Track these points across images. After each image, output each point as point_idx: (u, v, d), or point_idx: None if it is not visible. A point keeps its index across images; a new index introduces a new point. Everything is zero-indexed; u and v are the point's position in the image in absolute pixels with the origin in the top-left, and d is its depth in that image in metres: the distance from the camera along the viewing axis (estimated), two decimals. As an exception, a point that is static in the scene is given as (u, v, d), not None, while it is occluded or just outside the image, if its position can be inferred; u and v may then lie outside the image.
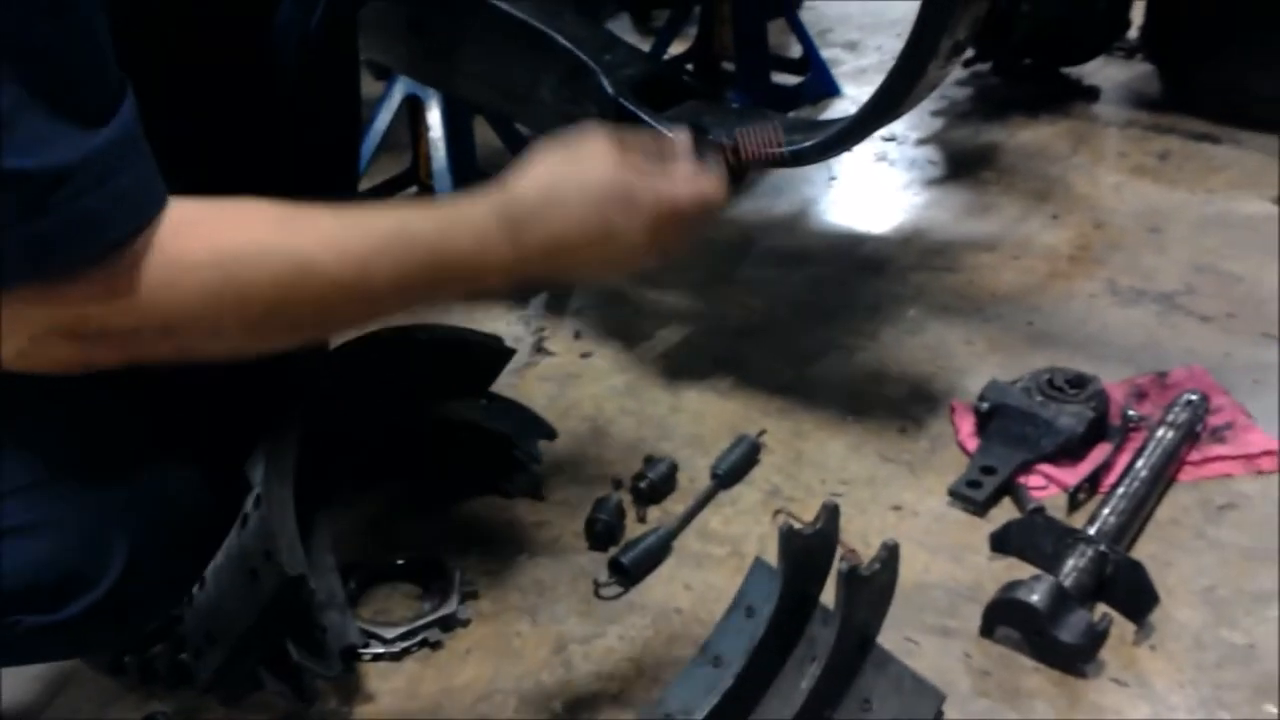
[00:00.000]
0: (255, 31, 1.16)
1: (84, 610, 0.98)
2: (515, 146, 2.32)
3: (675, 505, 1.54)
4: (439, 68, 1.72)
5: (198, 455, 1.08)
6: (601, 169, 0.96)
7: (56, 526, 0.97)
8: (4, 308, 0.74)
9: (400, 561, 1.44)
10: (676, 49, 2.81)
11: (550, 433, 1.58)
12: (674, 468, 1.57)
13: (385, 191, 2.35)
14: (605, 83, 1.58)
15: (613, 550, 1.44)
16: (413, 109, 2.29)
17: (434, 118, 2.17)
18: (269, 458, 1.08)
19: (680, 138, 1.06)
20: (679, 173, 1.01)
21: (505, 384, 1.62)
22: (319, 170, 1.27)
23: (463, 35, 1.65)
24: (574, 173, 0.96)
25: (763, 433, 1.65)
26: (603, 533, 1.46)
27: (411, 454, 1.51)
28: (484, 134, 2.31)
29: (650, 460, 1.58)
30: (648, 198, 0.97)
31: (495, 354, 1.55)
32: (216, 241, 0.82)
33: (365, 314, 0.95)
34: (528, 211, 0.94)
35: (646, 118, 1.56)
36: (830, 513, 1.09)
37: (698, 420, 1.72)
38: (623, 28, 2.92)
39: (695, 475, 1.58)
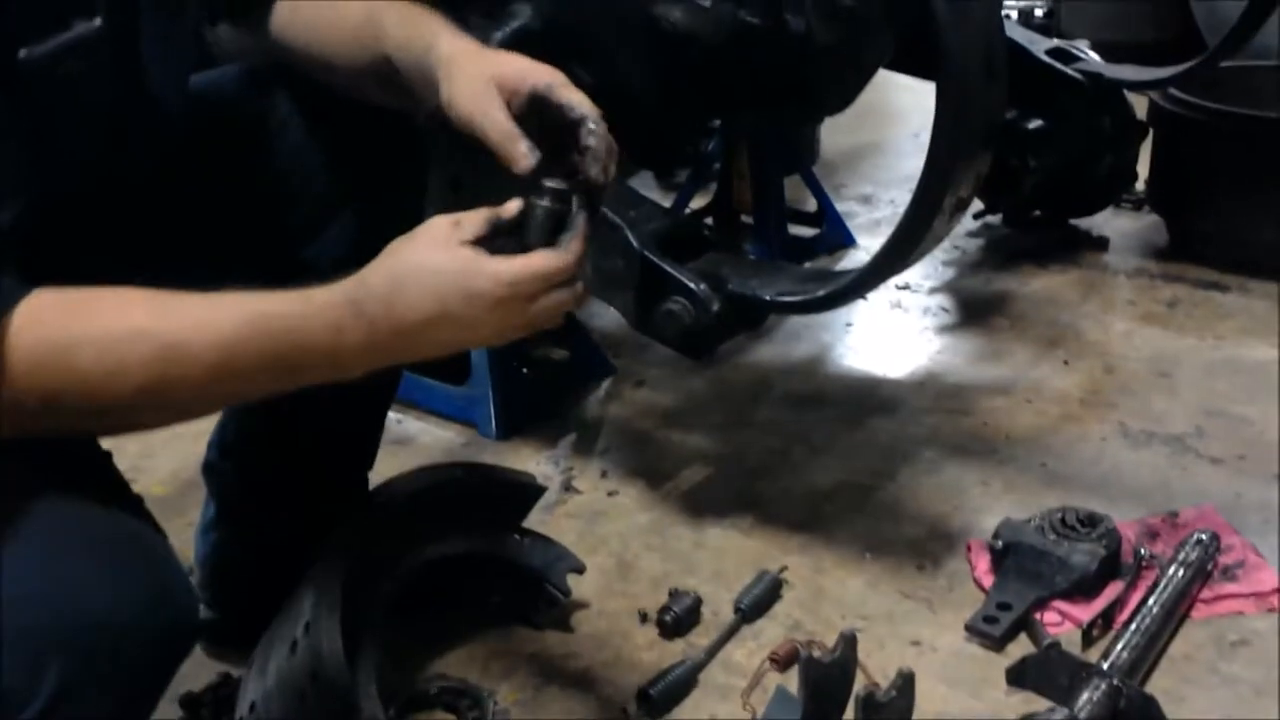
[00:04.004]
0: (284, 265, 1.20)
1: None
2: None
3: (700, 638, 1.58)
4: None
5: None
6: (435, 257, 1.03)
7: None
8: None
9: (436, 690, 1.48)
10: (698, 203, 2.95)
11: (579, 567, 1.64)
12: (699, 602, 1.62)
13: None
14: (631, 237, 1.68)
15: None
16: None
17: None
18: (317, 587, 1.15)
19: (513, 204, 1.11)
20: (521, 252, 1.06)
21: (536, 520, 1.69)
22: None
23: (494, 195, 1.77)
24: (413, 261, 1.04)
25: (784, 569, 1.70)
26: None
27: (447, 585, 1.56)
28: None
29: (675, 594, 1.63)
30: (483, 283, 1.03)
31: (527, 492, 1.64)
32: (90, 324, 0.95)
33: (230, 395, 1.07)
34: (375, 300, 1.02)
35: (670, 269, 1.66)
36: (848, 642, 1.14)
37: (720, 556, 1.77)
38: (646, 184, 3.05)
39: (719, 609, 1.63)
